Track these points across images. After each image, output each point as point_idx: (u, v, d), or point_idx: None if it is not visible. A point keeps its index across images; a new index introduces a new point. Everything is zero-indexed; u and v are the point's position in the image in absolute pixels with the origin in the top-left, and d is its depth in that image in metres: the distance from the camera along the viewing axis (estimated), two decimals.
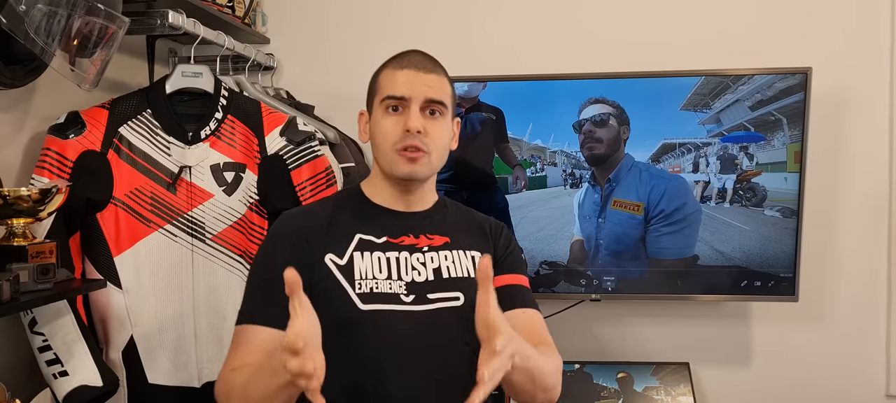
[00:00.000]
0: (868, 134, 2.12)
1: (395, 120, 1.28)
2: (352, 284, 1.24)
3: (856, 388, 2.17)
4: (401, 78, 1.29)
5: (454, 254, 1.33)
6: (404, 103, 1.27)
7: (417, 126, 1.25)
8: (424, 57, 1.33)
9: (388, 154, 1.28)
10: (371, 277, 1.25)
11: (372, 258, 1.27)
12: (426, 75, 1.29)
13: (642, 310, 2.22)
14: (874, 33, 2.10)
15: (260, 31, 2.23)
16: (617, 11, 2.18)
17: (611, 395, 2.06)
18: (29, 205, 1.37)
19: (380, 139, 1.30)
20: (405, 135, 1.26)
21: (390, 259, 1.28)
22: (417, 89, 1.27)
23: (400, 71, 1.29)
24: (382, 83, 1.31)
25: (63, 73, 1.42)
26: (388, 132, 1.28)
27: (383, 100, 1.29)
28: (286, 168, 1.73)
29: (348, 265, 1.26)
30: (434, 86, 1.29)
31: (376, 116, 1.31)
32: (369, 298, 1.24)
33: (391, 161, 1.28)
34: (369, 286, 1.25)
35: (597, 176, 2.01)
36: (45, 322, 1.52)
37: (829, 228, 2.15)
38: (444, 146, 1.32)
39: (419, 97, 1.27)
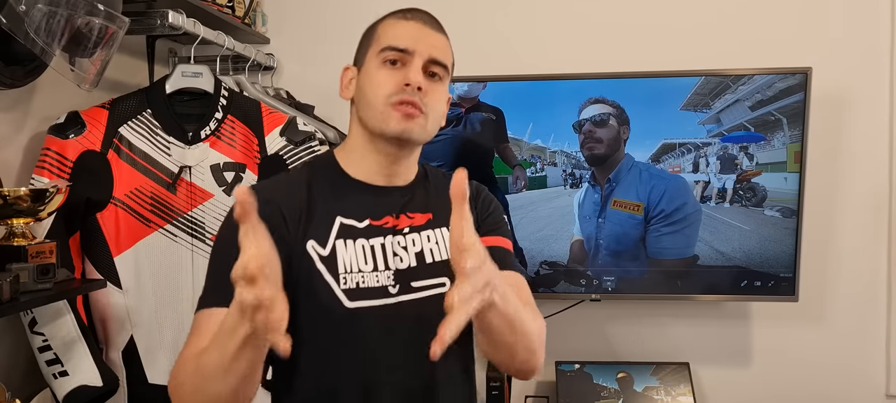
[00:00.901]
0: (868, 133, 2.12)
1: (393, 73, 1.14)
2: (336, 278, 1.12)
3: (856, 388, 2.17)
4: (406, 29, 1.16)
5: (437, 233, 1.20)
6: (406, 57, 1.14)
7: (419, 80, 1.12)
8: (431, 16, 1.21)
9: (380, 108, 1.13)
10: (356, 270, 1.14)
11: (356, 247, 1.15)
12: (433, 33, 1.18)
13: (642, 310, 2.22)
14: (874, 33, 2.10)
15: (260, 31, 2.23)
16: (617, 11, 2.18)
17: (611, 395, 2.06)
18: (29, 205, 1.37)
19: (371, 92, 1.14)
20: (404, 88, 1.12)
21: (375, 246, 1.16)
22: (423, 44, 1.15)
23: (405, 22, 1.17)
24: (382, 33, 1.17)
25: (63, 73, 1.42)
26: (383, 84, 1.13)
27: (382, 51, 1.15)
28: (286, 168, 1.73)
29: (331, 256, 1.13)
30: (440, 47, 1.17)
31: (369, 69, 1.16)
32: (356, 294, 1.13)
33: (383, 115, 1.13)
34: (355, 280, 1.13)
35: (597, 176, 2.01)
36: (45, 322, 1.52)
37: (829, 228, 2.15)
38: (440, 112, 1.19)
39: (424, 53, 1.14)
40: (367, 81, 1.16)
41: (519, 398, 2.20)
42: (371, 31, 1.21)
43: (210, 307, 1.06)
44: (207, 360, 0.96)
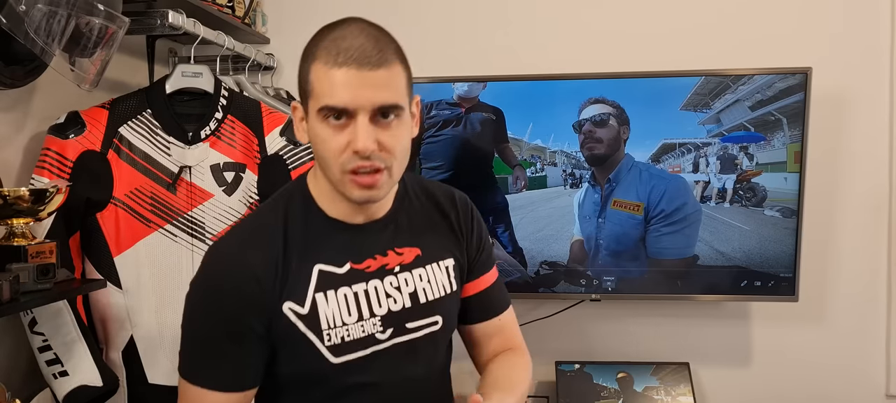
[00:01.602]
0: (868, 133, 2.12)
1: (339, 134, 1.01)
2: (319, 336, 1.07)
3: (856, 388, 2.17)
4: (339, 80, 0.99)
5: (429, 271, 1.17)
6: (346, 114, 1.00)
7: (369, 146, 0.99)
8: (366, 38, 1.01)
9: (336, 175, 1.04)
10: (340, 324, 1.08)
11: (337, 298, 1.09)
12: (372, 72, 0.99)
13: (642, 310, 2.22)
14: (874, 33, 2.10)
15: (260, 31, 2.23)
16: (617, 11, 2.18)
17: (611, 395, 2.06)
18: (29, 205, 1.37)
19: (324, 155, 1.03)
20: (353, 156, 1.01)
21: (358, 293, 1.10)
22: (363, 95, 0.99)
23: (337, 70, 0.99)
24: (316, 84, 1.02)
25: (63, 73, 1.42)
26: (333, 150, 1.02)
27: (320, 110, 1.01)
28: (286, 168, 1.73)
29: (312, 312, 1.07)
30: (384, 86, 1.00)
31: (315, 125, 1.03)
32: (342, 349, 1.08)
33: (342, 182, 1.04)
34: (340, 335, 1.08)
35: (597, 176, 2.01)
36: (45, 322, 1.52)
37: (829, 228, 2.15)
38: (404, 151, 1.06)
39: (367, 106, 0.99)
40: (316, 140, 1.04)
41: None
42: (305, 73, 1.05)
43: (195, 385, 1.07)
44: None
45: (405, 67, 1.06)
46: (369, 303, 1.11)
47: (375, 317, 1.11)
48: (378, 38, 1.03)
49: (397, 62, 1.03)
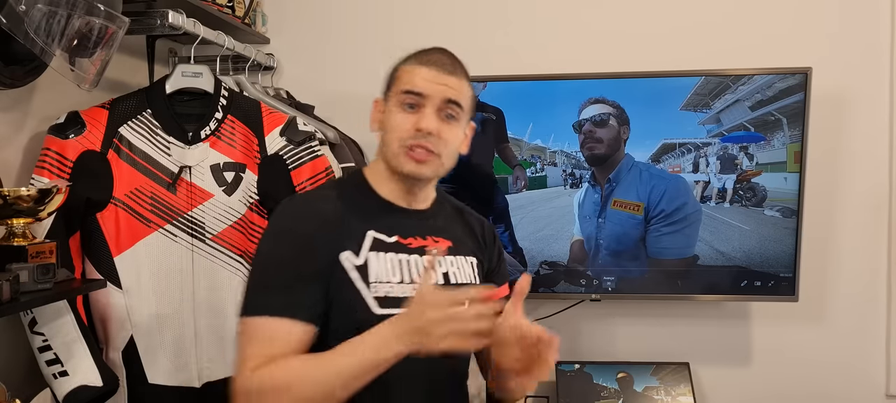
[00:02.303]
0: (868, 133, 2.12)
1: (409, 116, 1.25)
2: (368, 286, 1.22)
3: (856, 388, 2.17)
4: (422, 74, 1.26)
5: (458, 260, 1.34)
6: (421, 101, 1.24)
7: (430, 127, 1.23)
8: (448, 56, 1.30)
9: (395, 149, 1.25)
10: (386, 280, 1.24)
11: (386, 259, 1.25)
12: (447, 76, 1.26)
13: (642, 310, 2.22)
14: (874, 32, 2.10)
15: (260, 31, 2.23)
16: (617, 11, 2.18)
17: (611, 395, 2.06)
18: (29, 205, 1.37)
19: (390, 133, 1.27)
20: (416, 133, 1.23)
21: (402, 261, 1.27)
22: (437, 89, 1.25)
23: (422, 67, 1.26)
24: (402, 76, 1.28)
25: (63, 73, 1.42)
26: (399, 127, 1.25)
27: (401, 94, 1.26)
28: (286, 168, 1.73)
29: (364, 266, 1.23)
30: (454, 87, 1.26)
31: (390, 109, 1.28)
32: (384, 302, 1.22)
33: (397, 156, 1.25)
34: (385, 290, 1.23)
35: (597, 176, 2.01)
36: (45, 322, 1.52)
37: (828, 228, 2.15)
38: (454, 149, 1.29)
39: (437, 97, 1.24)
40: (388, 121, 1.27)
41: None
42: (394, 72, 1.31)
43: (265, 316, 1.16)
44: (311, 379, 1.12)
45: (471, 89, 1.31)
46: (410, 271, 1.27)
47: (413, 284, 1.25)
48: (455, 59, 1.30)
49: (466, 80, 1.30)
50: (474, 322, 1.07)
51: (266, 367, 1.13)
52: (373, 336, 1.12)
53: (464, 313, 1.06)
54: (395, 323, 1.11)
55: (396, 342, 1.09)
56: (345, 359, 1.12)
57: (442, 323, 1.06)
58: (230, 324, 1.70)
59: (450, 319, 1.06)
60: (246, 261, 1.71)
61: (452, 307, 1.06)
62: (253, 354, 1.15)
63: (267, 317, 1.16)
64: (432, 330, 1.07)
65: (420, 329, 1.08)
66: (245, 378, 1.14)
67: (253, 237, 1.72)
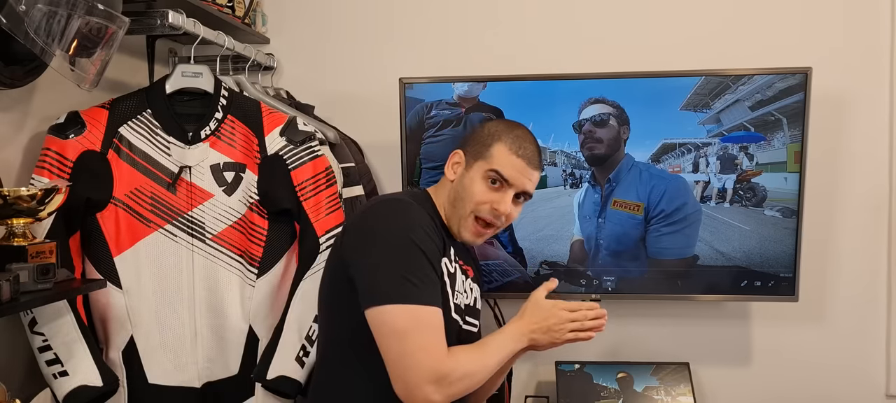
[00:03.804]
0: (868, 134, 2.12)
1: (490, 193, 1.43)
2: (453, 293, 1.43)
3: (856, 388, 2.17)
4: (515, 164, 1.43)
5: (476, 288, 1.56)
6: (505, 185, 1.43)
7: (507, 212, 1.44)
8: (537, 150, 1.48)
9: (465, 213, 1.44)
10: (457, 291, 1.45)
11: (459, 274, 1.47)
12: (533, 171, 1.46)
13: (642, 310, 2.22)
14: (874, 33, 2.10)
15: (260, 31, 2.23)
16: (617, 11, 2.18)
17: (611, 395, 2.06)
18: (29, 205, 1.37)
19: (468, 197, 1.44)
20: (493, 211, 1.43)
21: (459, 279, 1.48)
22: (522, 181, 1.44)
23: (516, 158, 1.43)
24: (496, 155, 1.44)
25: (63, 73, 1.42)
26: (479, 199, 1.43)
27: (490, 171, 1.43)
28: (286, 168, 1.73)
29: (452, 275, 1.44)
30: (533, 182, 1.46)
31: (473, 176, 1.45)
32: (456, 310, 1.45)
33: (463, 221, 1.45)
34: (457, 299, 1.45)
35: (597, 176, 2.01)
36: (45, 322, 1.53)
37: (829, 228, 2.15)
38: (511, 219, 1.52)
39: (520, 187, 1.44)
40: (469, 186, 1.45)
41: (519, 398, 2.20)
42: (487, 142, 1.47)
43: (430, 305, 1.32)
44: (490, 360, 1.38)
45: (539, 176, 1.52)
46: (465, 288, 1.49)
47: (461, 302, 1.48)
48: (539, 150, 1.51)
49: (541, 171, 1.52)
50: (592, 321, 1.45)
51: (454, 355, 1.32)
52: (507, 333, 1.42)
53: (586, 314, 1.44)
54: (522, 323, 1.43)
55: (525, 337, 1.41)
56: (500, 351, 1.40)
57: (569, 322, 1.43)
58: (230, 324, 1.70)
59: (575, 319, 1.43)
60: (246, 261, 1.71)
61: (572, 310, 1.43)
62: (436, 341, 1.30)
63: (432, 307, 1.31)
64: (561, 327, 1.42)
65: (549, 328, 1.41)
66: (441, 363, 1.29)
67: (253, 237, 1.72)
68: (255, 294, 1.72)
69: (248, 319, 1.72)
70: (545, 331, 1.41)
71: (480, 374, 1.35)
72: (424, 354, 1.28)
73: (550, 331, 1.41)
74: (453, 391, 1.30)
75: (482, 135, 1.49)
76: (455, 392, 1.31)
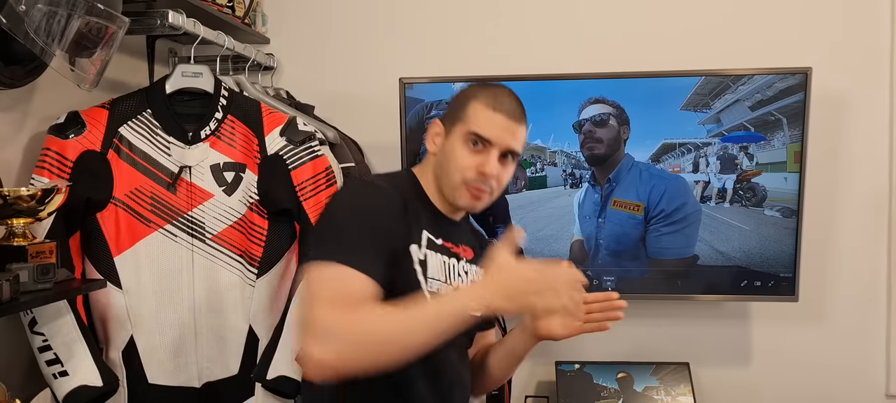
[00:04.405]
0: (868, 134, 2.12)
1: (473, 156, 1.31)
2: (426, 282, 1.30)
3: (856, 388, 2.17)
4: (493, 121, 1.31)
5: (477, 270, 1.44)
6: (487, 145, 1.31)
7: (494, 173, 1.31)
8: (517, 103, 1.35)
9: (455, 183, 1.33)
10: (436, 278, 1.32)
11: (437, 259, 1.34)
12: (516, 125, 1.33)
13: (642, 310, 2.22)
14: (874, 33, 2.10)
15: (260, 31, 2.23)
16: (617, 11, 2.18)
17: (611, 395, 2.06)
18: (29, 205, 1.37)
19: (452, 167, 1.33)
20: (479, 176, 1.31)
21: (446, 263, 1.36)
22: (504, 137, 1.31)
23: (494, 113, 1.31)
24: (472, 115, 1.32)
25: (63, 73, 1.42)
26: (464, 165, 1.32)
27: (468, 134, 1.32)
28: (286, 168, 1.72)
29: (424, 260, 1.31)
30: (518, 138, 1.34)
31: (454, 143, 1.34)
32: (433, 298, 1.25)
33: (456, 191, 1.33)
34: (435, 286, 1.32)
35: (597, 176, 2.01)
36: (45, 322, 1.52)
37: (828, 228, 2.15)
38: (504, 184, 1.39)
39: (503, 145, 1.32)
40: (451, 155, 1.33)
41: (519, 398, 2.20)
42: (463, 105, 1.35)
43: (352, 267, 1.15)
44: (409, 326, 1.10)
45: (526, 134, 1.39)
46: (450, 273, 1.36)
47: (451, 285, 1.36)
48: (522, 107, 1.36)
49: (525, 128, 1.37)
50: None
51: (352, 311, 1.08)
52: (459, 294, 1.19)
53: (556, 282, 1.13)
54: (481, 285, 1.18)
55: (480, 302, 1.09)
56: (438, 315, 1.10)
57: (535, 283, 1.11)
58: (230, 324, 1.70)
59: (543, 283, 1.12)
60: (246, 261, 1.71)
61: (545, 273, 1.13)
62: (333, 293, 1.11)
63: (348, 267, 1.14)
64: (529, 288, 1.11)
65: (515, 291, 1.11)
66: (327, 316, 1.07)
67: (253, 237, 1.72)
68: (255, 294, 1.72)
69: (248, 319, 1.72)
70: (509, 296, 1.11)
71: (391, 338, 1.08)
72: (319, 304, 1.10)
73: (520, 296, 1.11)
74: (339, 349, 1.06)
75: (458, 98, 1.38)
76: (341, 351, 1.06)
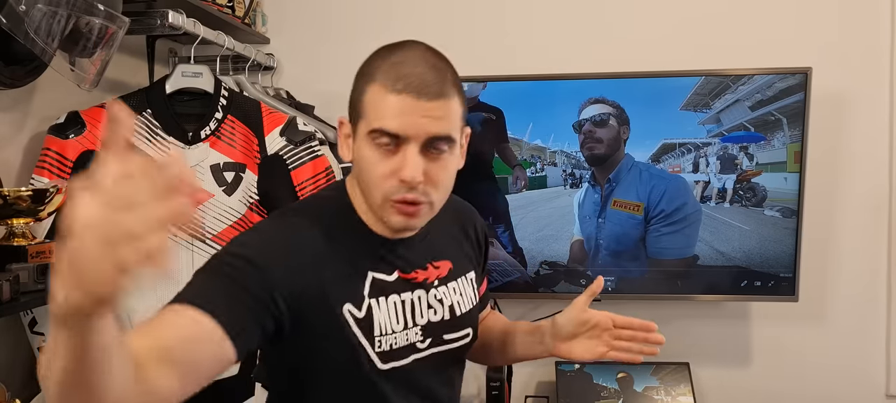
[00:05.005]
0: (868, 133, 2.12)
1: (387, 160, 0.99)
2: (372, 342, 1.06)
3: (856, 388, 2.17)
4: (397, 106, 0.97)
5: (460, 284, 1.20)
6: (399, 141, 0.99)
7: (417, 177, 0.98)
8: (426, 67, 0.99)
9: (378, 200, 1.03)
10: (390, 331, 1.08)
11: (388, 305, 1.08)
12: (429, 103, 0.97)
13: (642, 310, 2.21)
14: (874, 33, 2.10)
15: (260, 31, 2.23)
16: (617, 11, 2.18)
17: (611, 395, 2.06)
18: (29, 205, 1.37)
19: (368, 178, 1.02)
20: (401, 184, 0.99)
21: (406, 302, 1.11)
22: (417, 125, 0.97)
23: (397, 95, 0.97)
24: (370, 104, 1.00)
25: (63, 73, 1.42)
26: (378, 178, 1.00)
27: (371, 133, 0.99)
28: (286, 168, 1.73)
29: (367, 317, 1.06)
30: (439, 117, 0.98)
31: (361, 147, 1.02)
32: (389, 356, 1.08)
33: (381, 209, 1.04)
34: (389, 342, 1.07)
35: (597, 176, 2.01)
36: (45, 322, 1.52)
37: (829, 228, 2.15)
38: (448, 184, 1.07)
39: (420, 135, 0.98)
40: (363, 162, 1.03)
41: (519, 398, 2.20)
42: (360, 90, 1.03)
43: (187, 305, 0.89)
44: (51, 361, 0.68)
45: (462, 99, 1.05)
46: (413, 313, 1.11)
47: (417, 327, 1.12)
48: (438, 67, 1.00)
49: (455, 94, 1.02)
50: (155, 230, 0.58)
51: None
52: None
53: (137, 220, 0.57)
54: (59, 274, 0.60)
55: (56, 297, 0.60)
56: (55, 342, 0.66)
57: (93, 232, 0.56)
58: None
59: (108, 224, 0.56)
60: None
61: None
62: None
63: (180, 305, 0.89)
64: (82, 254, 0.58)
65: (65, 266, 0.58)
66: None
67: None
68: None
69: None
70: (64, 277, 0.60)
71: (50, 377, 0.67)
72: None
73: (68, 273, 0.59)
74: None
75: (355, 81, 1.06)
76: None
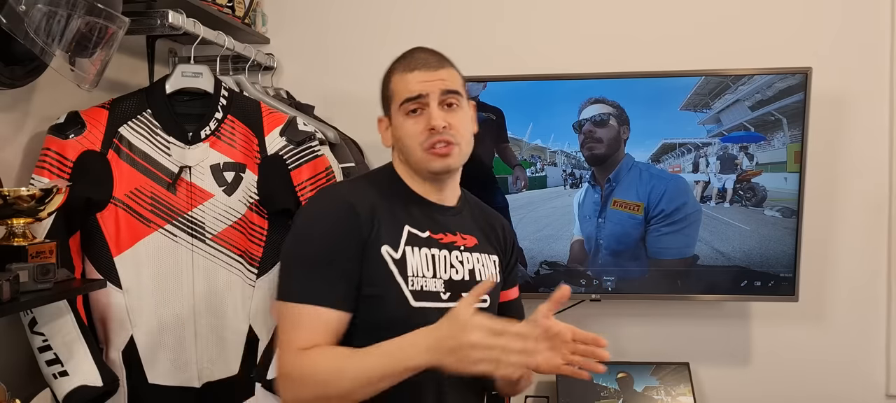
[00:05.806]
0: (868, 133, 2.12)
1: (417, 120, 1.30)
2: (406, 280, 1.28)
3: (856, 388, 2.17)
4: (413, 79, 1.31)
5: (483, 258, 1.39)
6: (422, 102, 1.29)
7: (441, 122, 1.28)
8: (430, 53, 1.34)
9: (418, 154, 1.31)
10: (421, 274, 1.30)
11: (420, 254, 1.31)
12: (437, 71, 1.31)
13: (642, 310, 2.22)
14: (874, 33, 2.10)
15: (260, 31, 2.23)
16: (617, 11, 2.18)
17: (611, 395, 2.06)
18: (29, 205, 1.37)
19: (407, 142, 1.32)
20: (430, 133, 1.28)
21: (434, 256, 1.32)
22: (432, 85, 1.30)
23: (410, 73, 1.31)
24: (396, 88, 1.33)
25: (63, 73, 1.42)
26: (414, 134, 1.30)
27: (402, 105, 1.31)
28: (286, 168, 1.72)
29: (402, 259, 1.29)
30: (447, 78, 1.31)
31: (398, 121, 1.33)
32: (420, 295, 1.28)
33: (422, 160, 1.31)
34: (420, 283, 1.29)
35: (597, 176, 2.01)
36: (45, 322, 1.52)
37: (828, 228, 2.15)
38: (469, 133, 1.35)
39: (436, 92, 1.29)
40: (401, 133, 1.32)
41: (519, 398, 2.20)
42: (386, 87, 1.36)
43: (308, 303, 1.21)
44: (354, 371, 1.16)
45: (459, 74, 1.36)
46: (437, 266, 1.32)
47: (440, 279, 1.32)
48: (438, 54, 1.35)
49: (453, 68, 1.35)
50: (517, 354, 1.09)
51: (308, 357, 1.18)
52: (406, 342, 1.15)
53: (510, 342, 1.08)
54: (429, 335, 1.13)
55: (427, 353, 1.12)
56: (379, 360, 1.15)
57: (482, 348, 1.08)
58: (230, 324, 1.70)
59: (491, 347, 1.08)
60: (246, 261, 1.71)
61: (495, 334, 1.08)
62: (294, 339, 1.21)
63: (304, 305, 1.21)
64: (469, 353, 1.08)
65: (454, 349, 1.09)
66: (288, 362, 1.20)
67: (253, 237, 1.72)
68: (255, 294, 1.72)
69: (249, 319, 1.72)
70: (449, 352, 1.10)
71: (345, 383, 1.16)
72: (282, 349, 1.23)
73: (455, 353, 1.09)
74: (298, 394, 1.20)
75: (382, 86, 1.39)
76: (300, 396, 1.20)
